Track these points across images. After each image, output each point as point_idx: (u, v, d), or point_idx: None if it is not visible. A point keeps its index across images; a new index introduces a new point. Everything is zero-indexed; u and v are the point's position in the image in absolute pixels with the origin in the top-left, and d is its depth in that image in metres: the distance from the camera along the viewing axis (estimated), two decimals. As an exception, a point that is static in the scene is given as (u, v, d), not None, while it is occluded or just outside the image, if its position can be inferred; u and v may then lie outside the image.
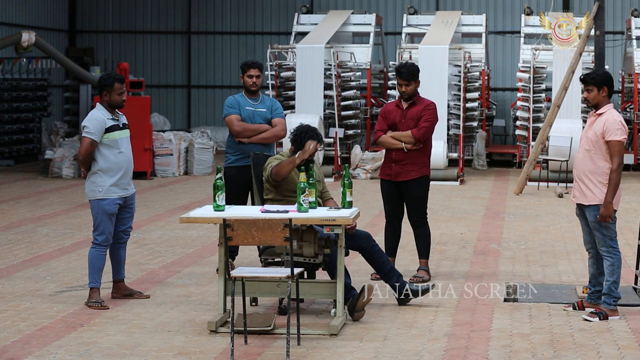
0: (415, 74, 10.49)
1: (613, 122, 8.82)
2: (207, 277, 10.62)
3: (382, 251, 9.16)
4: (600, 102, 8.94)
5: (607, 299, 8.88)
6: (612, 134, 8.80)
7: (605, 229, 8.86)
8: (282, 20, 30.59)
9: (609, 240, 8.88)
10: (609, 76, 9.03)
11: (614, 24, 28.71)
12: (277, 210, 8.54)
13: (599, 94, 8.93)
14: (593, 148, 8.85)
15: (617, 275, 8.88)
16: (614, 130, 8.80)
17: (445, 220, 15.06)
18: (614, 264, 8.86)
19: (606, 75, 9.01)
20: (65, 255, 11.99)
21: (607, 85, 8.93)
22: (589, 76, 8.97)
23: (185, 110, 31.60)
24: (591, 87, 8.92)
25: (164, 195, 18.37)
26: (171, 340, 8.07)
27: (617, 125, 8.82)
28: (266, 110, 10.79)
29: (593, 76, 8.96)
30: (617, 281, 8.90)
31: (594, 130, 8.87)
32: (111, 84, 9.31)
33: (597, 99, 8.94)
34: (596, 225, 8.88)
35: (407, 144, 10.41)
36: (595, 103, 8.95)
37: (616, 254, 8.89)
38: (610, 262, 8.86)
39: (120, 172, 9.30)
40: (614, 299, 8.86)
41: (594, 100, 8.94)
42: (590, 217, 8.91)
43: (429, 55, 21.20)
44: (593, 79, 8.93)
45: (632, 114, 23.58)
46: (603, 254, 8.91)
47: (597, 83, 8.91)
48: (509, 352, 7.80)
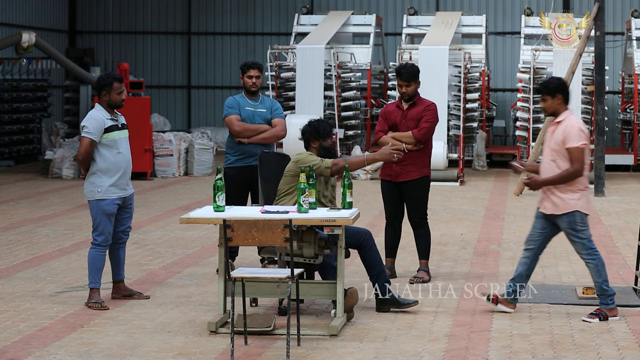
0: (416, 75, 10.49)
1: (572, 129, 8.80)
2: (207, 278, 10.62)
3: (378, 252, 9.14)
4: (556, 110, 8.94)
5: (603, 300, 8.87)
6: (572, 140, 8.77)
7: (581, 233, 8.85)
8: (282, 20, 30.59)
9: (587, 243, 8.87)
10: (562, 83, 9.03)
11: (614, 24, 28.71)
12: (277, 211, 8.54)
13: (553, 102, 8.93)
14: (557, 157, 8.84)
15: (604, 274, 8.88)
16: (572, 136, 8.78)
17: (446, 221, 15.06)
18: (598, 265, 8.87)
19: (559, 82, 9.03)
20: (65, 255, 11.99)
21: (561, 92, 8.93)
22: (542, 85, 9.02)
23: (185, 111, 31.60)
24: (545, 96, 8.95)
25: (164, 196, 18.37)
26: (171, 341, 8.07)
27: (575, 132, 8.79)
28: (266, 110, 10.79)
29: (545, 85, 8.99)
30: (606, 279, 8.89)
31: (555, 139, 8.87)
32: (110, 83, 9.31)
33: (552, 107, 8.95)
34: (572, 232, 8.86)
35: (407, 144, 10.41)
36: (552, 111, 8.96)
37: (597, 254, 8.90)
38: (594, 264, 8.86)
39: (119, 173, 9.29)
40: (610, 297, 8.87)
41: (549, 109, 8.97)
42: (565, 225, 8.88)
43: (429, 55, 21.20)
44: (546, 88, 8.96)
45: (632, 114, 23.59)
46: (585, 258, 8.89)
47: (549, 91, 8.93)
48: (509, 352, 7.80)
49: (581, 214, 8.88)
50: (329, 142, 9.32)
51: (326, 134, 9.30)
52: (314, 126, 9.34)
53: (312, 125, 9.35)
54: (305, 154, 9.25)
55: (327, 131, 9.31)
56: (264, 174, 9.65)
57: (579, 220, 8.86)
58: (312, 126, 9.34)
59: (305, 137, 9.35)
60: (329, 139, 9.33)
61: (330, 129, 9.36)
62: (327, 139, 9.32)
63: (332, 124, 9.40)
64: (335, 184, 9.42)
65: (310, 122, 9.41)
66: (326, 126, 9.37)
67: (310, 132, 9.32)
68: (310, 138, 9.32)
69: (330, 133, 9.34)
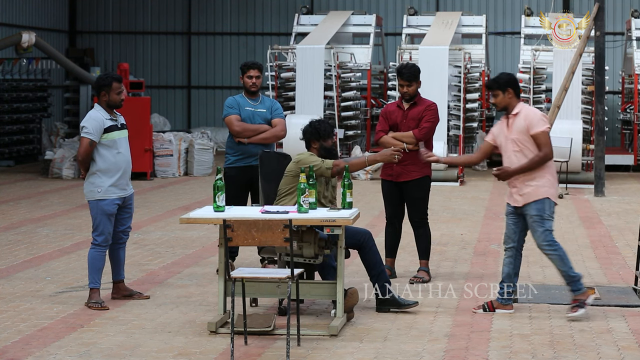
0: (417, 75, 10.49)
1: (534, 116, 8.92)
2: (207, 278, 10.62)
3: (378, 253, 9.14)
4: (509, 104, 9.00)
5: (574, 287, 8.90)
6: (536, 125, 8.88)
7: (546, 222, 8.87)
8: (282, 20, 30.59)
9: (548, 234, 8.90)
10: (512, 77, 9.10)
11: (614, 24, 28.71)
12: (277, 211, 8.54)
13: (504, 96, 8.99)
14: (524, 146, 8.91)
15: (568, 262, 8.92)
16: (536, 122, 8.89)
17: (446, 221, 15.06)
18: (560, 255, 8.93)
19: (509, 77, 9.09)
20: (65, 255, 11.98)
21: (511, 86, 9.00)
22: (492, 81, 9.08)
23: (185, 111, 31.60)
24: (496, 91, 9.01)
25: (164, 196, 18.37)
26: (171, 341, 8.07)
27: (538, 117, 8.92)
28: (266, 110, 10.79)
29: (496, 80, 9.06)
30: (571, 266, 8.94)
31: (516, 130, 8.91)
32: (109, 83, 9.31)
33: (504, 101, 9.00)
34: (538, 219, 8.89)
35: (408, 144, 10.41)
36: (504, 106, 9.01)
37: (557, 245, 8.94)
38: (556, 254, 8.91)
39: (119, 173, 9.29)
40: (579, 282, 8.92)
41: (501, 104, 9.02)
42: (533, 212, 8.90)
43: (429, 56, 21.20)
44: (496, 83, 9.03)
45: (632, 114, 23.58)
46: (545, 251, 8.93)
47: (500, 86, 9.00)
48: (509, 352, 7.80)
49: (550, 202, 8.93)
50: (329, 143, 9.32)
51: (327, 134, 9.30)
52: (314, 126, 9.34)
53: (312, 126, 9.35)
54: (306, 154, 9.25)
55: (328, 132, 9.31)
56: (264, 174, 9.65)
57: (547, 209, 8.91)
58: (313, 126, 9.34)
59: (306, 138, 9.35)
60: (329, 139, 9.33)
61: (331, 130, 9.36)
62: (328, 139, 9.32)
63: (333, 124, 9.40)
64: (335, 184, 9.42)
65: (312, 122, 9.41)
66: (327, 127, 9.36)
67: (310, 133, 9.32)
68: (310, 138, 9.32)
69: (331, 134, 9.34)
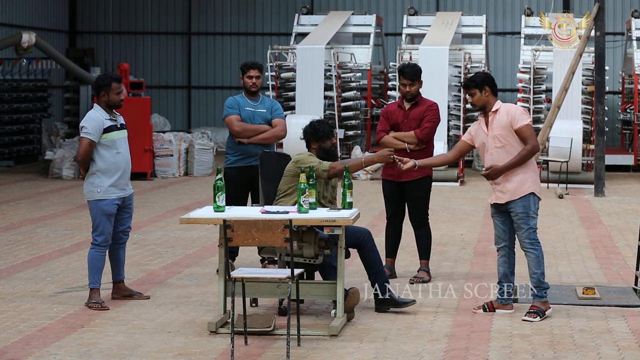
0: (419, 74, 10.49)
1: (515, 111, 8.93)
2: (208, 278, 10.62)
3: (378, 253, 9.13)
4: (487, 102, 9.01)
5: (539, 292, 8.89)
6: (519, 120, 8.87)
7: (531, 220, 8.88)
8: (283, 21, 30.59)
9: (532, 233, 8.90)
10: (488, 75, 9.11)
11: (614, 24, 28.71)
12: (277, 211, 8.54)
13: (482, 95, 8.99)
14: (507, 142, 8.90)
15: (543, 266, 8.95)
16: (518, 116, 8.89)
17: (446, 221, 15.06)
18: (538, 256, 8.93)
19: (485, 75, 9.10)
20: (65, 256, 11.98)
21: (488, 85, 9.01)
22: (469, 80, 9.08)
23: (185, 111, 31.60)
24: (473, 90, 9.01)
25: (164, 196, 18.37)
26: (171, 341, 8.07)
27: (520, 111, 8.93)
28: (266, 110, 10.79)
29: (472, 79, 9.07)
30: (544, 272, 8.96)
31: (498, 126, 8.91)
32: (109, 84, 9.31)
33: (482, 100, 9.00)
34: (523, 217, 8.89)
35: (409, 144, 10.41)
36: (482, 104, 9.02)
37: (539, 245, 8.95)
38: (535, 254, 8.92)
39: (119, 173, 9.29)
40: (545, 290, 8.92)
41: (479, 102, 9.01)
42: (519, 209, 8.90)
43: (429, 56, 21.20)
44: (473, 82, 9.03)
45: (632, 114, 23.58)
46: (526, 248, 8.93)
47: (477, 85, 8.99)
48: (509, 352, 7.80)
49: (535, 198, 8.94)
50: (328, 144, 9.30)
51: (325, 135, 9.28)
52: (314, 127, 9.33)
53: (312, 126, 9.34)
54: (305, 154, 9.24)
55: (326, 133, 9.29)
56: (264, 174, 9.65)
57: (532, 205, 8.92)
58: (313, 127, 9.34)
59: (306, 138, 9.35)
60: (328, 140, 9.31)
61: (330, 131, 9.34)
62: (326, 140, 9.30)
63: (333, 125, 9.39)
64: (335, 184, 9.41)
65: (312, 122, 9.40)
66: (326, 127, 9.34)
67: (310, 133, 9.32)
68: (310, 139, 9.32)
69: (329, 135, 9.32)
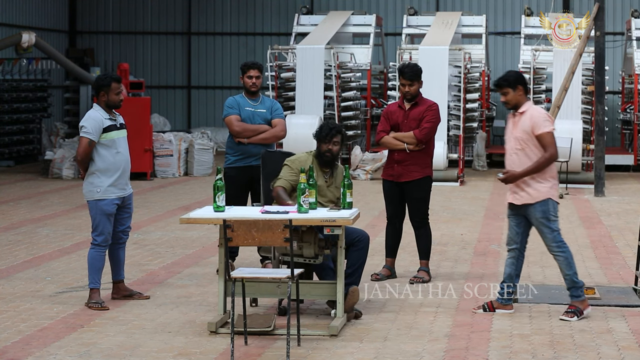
0: (419, 74, 10.49)
1: (539, 116, 8.93)
2: (207, 278, 10.62)
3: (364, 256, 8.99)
4: (519, 102, 9.02)
5: (574, 292, 8.91)
6: (541, 126, 8.88)
7: (553, 224, 8.89)
8: (282, 21, 30.59)
9: (557, 235, 8.91)
10: (521, 75, 9.11)
11: (614, 24, 28.71)
12: (277, 211, 8.54)
13: (515, 94, 9.00)
14: (526, 146, 8.92)
15: (574, 266, 8.95)
16: (541, 122, 8.89)
17: (446, 221, 15.06)
18: (567, 258, 8.93)
19: (517, 74, 9.10)
20: (65, 256, 11.98)
21: (521, 84, 9.02)
22: (501, 79, 9.07)
23: (185, 111, 31.60)
24: (506, 89, 9.01)
25: (164, 196, 18.37)
26: (171, 341, 8.07)
27: (543, 118, 8.93)
28: (266, 110, 10.79)
29: (505, 78, 9.06)
30: (576, 272, 8.96)
31: (521, 128, 8.94)
32: (108, 84, 9.31)
33: (514, 99, 9.01)
34: (544, 222, 8.90)
35: (409, 144, 10.41)
36: (515, 104, 9.02)
37: (566, 247, 8.96)
38: (564, 256, 8.92)
39: (118, 172, 9.29)
40: (580, 289, 8.93)
41: (512, 101, 9.02)
42: (538, 214, 8.91)
43: (429, 56, 21.20)
44: (506, 81, 9.02)
45: (632, 114, 23.58)
46: (554, 251, 8.94)
47: (510, 84, 9.00)
48: (509, 352, 7.80)
49: (553, 202, 8.93)
50: (322, 147, 9.22)
51: (320, 137, 9.25)
52: (319, 127, 9.39)
53: (319, 126, 9.42)
54: (299, 155, 9.33)
55: (322, 135, 9.22)
56: (266, 174, 9.64)
57: (552, 210, 8.91)
58: (319, 126, 9.40)
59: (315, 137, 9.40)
60: (323, 143, 9.23)
61: (326, 134, 9.19)
62: (322, 143, 9.24)
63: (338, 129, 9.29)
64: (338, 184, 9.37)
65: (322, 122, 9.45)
66: (325, 130, 9.25)
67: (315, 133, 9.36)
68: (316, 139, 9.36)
69: (325, 138, 9.21)
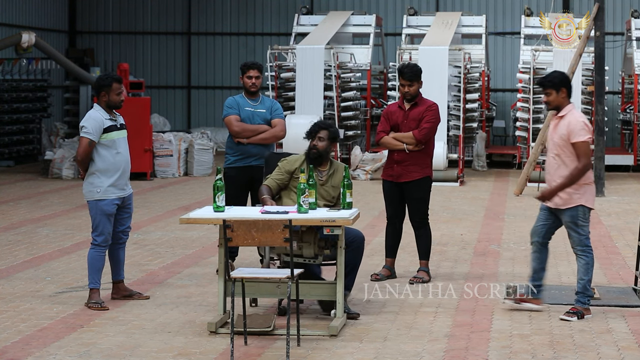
0: (418, 75, 10.48)
1: (576, 124, 8.86)
2: (207, 278, 10.62)
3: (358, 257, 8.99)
4: (560, 104, 8.99)
5: (581, 298, 8.93)
6: (577, 135, 8.83)
7: (581, 228, 8.90)
8: (282, 21, 30.59)
9: (584, 239, 8.93)
10: (566, 77, 9.07)
11: (614, 25, 28.71)
12: (277, 211, 8.54)
13: (558, 96, 8.97)
14: (562, 152, 8.88)
15: (591, 273, 8.96)
16: (577, 131, 8.83)
17: (445, 221, 15.06)
18: (588, 263, 8.93)
19: (563, 76, 9.06)
20: (65, 256, 11.99)
21: (565, 86, 8.99)
22: (546, 79, 9.02)
23: (185, 111, 31.60)
24: (549, 90, 8.97)
25: (164, 196, 18.37)
26: (171, 341, 8.07)
27: (580, 126, 8.85)
28: (266, 111, 10.78)
29: (550, 79, 9.01)
30: (591, 280, 8.97)
31: (559, 134, 8.91)
32: (109, 84, 9.30)
33: (556, 100, 8.98)
34: (572, 225, 8.92)
35: (408, 145, 10.41)
36: (556, 105, 8.99)
37: (590, 252, 8.97)
38: (585, 261, 8.92)
39: (118, 173, 9.29)
40: (587, 298, 8.93)
41: (553, 103, 8.99)
42: (567, 218, 8.94)
43: (429, 56, 21.20)
44: (550, 82, 8.98)
45: (632, 114, 23.58)
46: (578, 253, 8.96)
47: (554, 85, 8.96)
48: (508, 353, 7.80)
49: (584, 208, 8.93)
50: (310, 144, 9.27)
51: (307, 134, 9.27)
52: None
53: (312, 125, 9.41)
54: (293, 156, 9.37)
55: (308, 132, 9.25)
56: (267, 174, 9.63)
57: (581, 215, 8.92)
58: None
59: None
60: (310, 140, 9.25)
61: (312, 130, 9.24)
62: (309, 140, 9.26)
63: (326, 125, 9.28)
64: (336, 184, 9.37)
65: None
66: (311, 126, 9.30)
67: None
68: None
69: (311, 134, 9.22)
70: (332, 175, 9.32)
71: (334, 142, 9.30)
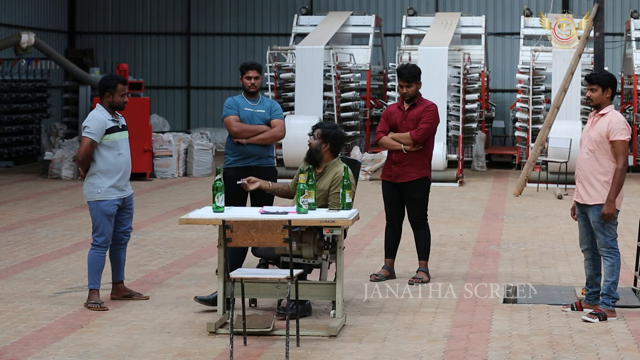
0: (417, 75, 10.48)
1: (617, 123, 8.89)
2: (207, 279, 10.62)
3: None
4: (602, 103, 9.00)
5: (605, 300, 8.90)
6: (617, 133, 8.86)
7: (607, 230, 8.89)
8: (282, 21, 30.60)
9: (610, 241, 8.91)
10: (614, 78, 9.09)
11: (614, 25, 28.72)
12: (276, 212, 8.54)
13: (603, 95, 8.98)
14: (597, 148, 8.89)
15: (616, 276, 8.91)
16: (618, 130, 8.86)
17: (445, 222, 15.06)
18: (614, 265, 8.89)
19: (612, 77, 9.08)
20: (64, 256, 11.98)
21: (612, 87, 9.00)
22: (595, 76, 9.03)
23: (184, 112, 31.61)
24: (596, 86, 8.98)
25: (164, 197, 18.37)
26: (170, 342, 8.07)
27: (621, 125, 8.89)
28: (265, 111, 10.77)
29: (599, 76, 9.03)
30: (616, 282, 8.93)
31: (597, 130, 8.92)
32: (114, 85, 9.30)
33: (600, 99, 8.99)
34: (599, 225, 8.90)
35: (405, 145, 10.41)
36: (598, 103, 8.99)
37: (616, 254, 8.93)
38: (611, 262, 8.89)
39: (119, 174, 9.29)
40: (612, 300, 8.89)
41: (597, 100, 8.99)
42: (594, 217, 8.92)
43: (429, 56, 21.20)
44: (598, 79, 8.99)
45: (631, 115, 23.59)
46: (603, 254, 8.93)
47: (602, 83, 8.97)
48: (508, 353, 7.80)
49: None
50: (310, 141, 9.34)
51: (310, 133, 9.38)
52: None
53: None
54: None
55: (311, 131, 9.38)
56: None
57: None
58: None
59: None
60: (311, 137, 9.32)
61: (313, 129, 9.33)
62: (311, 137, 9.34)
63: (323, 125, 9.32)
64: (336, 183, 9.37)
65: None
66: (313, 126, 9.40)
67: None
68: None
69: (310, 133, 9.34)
70: (320, 177, 9.23)
71: (326, 141, 9.24)
